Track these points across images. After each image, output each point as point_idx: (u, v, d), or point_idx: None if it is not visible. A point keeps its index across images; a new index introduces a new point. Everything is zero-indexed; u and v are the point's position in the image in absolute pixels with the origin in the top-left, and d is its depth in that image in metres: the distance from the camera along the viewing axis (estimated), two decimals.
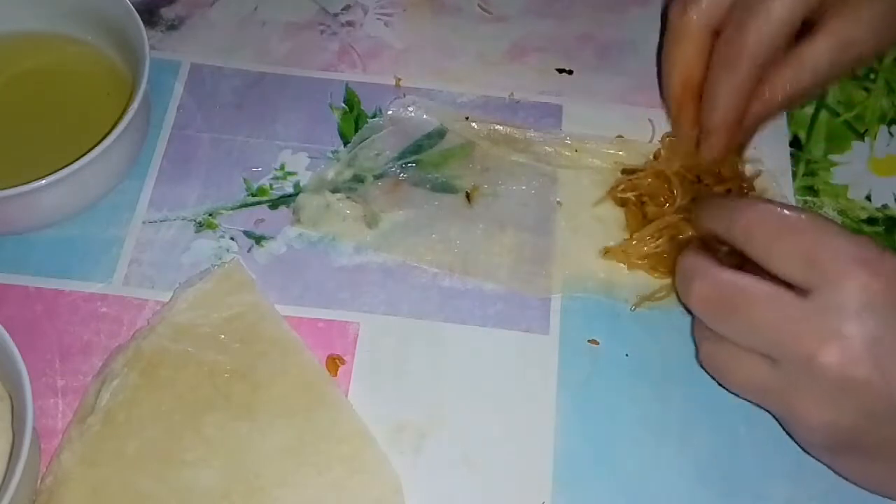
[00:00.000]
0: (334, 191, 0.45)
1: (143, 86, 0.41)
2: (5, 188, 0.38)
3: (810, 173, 0.47)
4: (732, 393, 0.37)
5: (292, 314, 0.41)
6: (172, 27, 0.50)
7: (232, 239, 0.44)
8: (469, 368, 0.41)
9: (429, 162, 0.46)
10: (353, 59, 0.50)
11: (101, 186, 0.43)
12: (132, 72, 0.44)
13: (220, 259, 0.43)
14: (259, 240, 0.44)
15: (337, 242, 0.44)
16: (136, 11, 0.43)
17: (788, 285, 0.34)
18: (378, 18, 0.51)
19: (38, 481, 0.37)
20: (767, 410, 0.37)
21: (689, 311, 0.38)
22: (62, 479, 0.36)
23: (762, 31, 0.39)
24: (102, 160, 0.40)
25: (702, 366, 0.38)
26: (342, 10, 0.52)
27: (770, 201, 0.39)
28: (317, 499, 0.37)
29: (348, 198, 0.45)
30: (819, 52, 0.40)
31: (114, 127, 0.40)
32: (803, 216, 0.35)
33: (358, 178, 0.45)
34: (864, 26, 0.40)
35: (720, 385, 0.37)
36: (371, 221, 0.44)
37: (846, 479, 0.36)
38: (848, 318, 0.32)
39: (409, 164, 0.45)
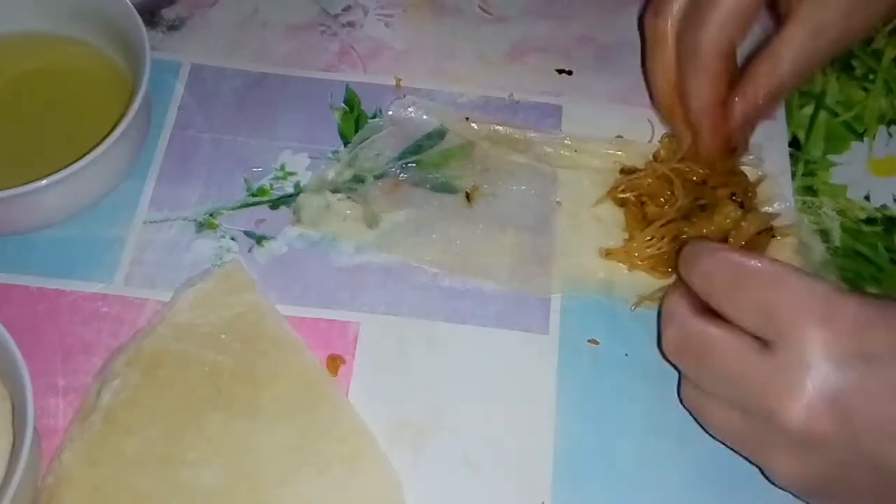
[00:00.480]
0: (334, 191, 0.45)
1: (144, 86, 0.41)
2: (6, 188, 0.38)
3: (809, 173, 0.47)
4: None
5: (293, 314, 0.41)
6: (173, 28, 0.50)
7: (232, 239, 0.44)
8: (469, 368, 0.41)
9: (429, 162, 0.46)
10: (354, 59, 0.50)
11: (101, 186, 0.43)
12: (133, 72, 0.44)
13: (221, 259, 0.43)
14: (259, 240, 0.44)
15: (337, 242, 0.44)
16: (136, 12, 0.43)
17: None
18: (378, 19, 0.52)
19: (39, 481, 0.37)
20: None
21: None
22: (63, 479, 0.36)
23: (719, 19, 0.39)
24: (103, 160, 0.40)
25: (664, 352, 0.38)
26: (342, 10, 0.52)
27: (729, 248, 0.37)
28: (317, 498, 0.37)
29: (348, 198, 0.45)
30: (792, 40, 0.40)
31: (114, 127, 0.40)
32: (760, 265, 0.34)
33: (358, 179, 0.45)
34: (832, 10, 0.40)
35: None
36: (371, 221, 0.44)
37: None
38: (808, 373, 0.32)
39: (410, 165, 0.46)
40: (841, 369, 0.31)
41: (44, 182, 0.38)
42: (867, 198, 0.46)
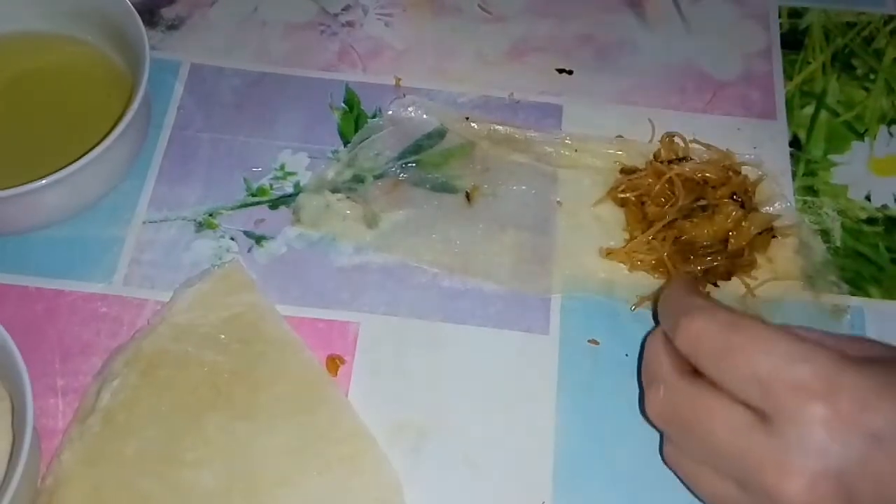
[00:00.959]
0: (334, 191, 0.45)
1: (144, 86, 0.41)
2: (5, 188, 0.38)
3: (810, 173, 0.47)
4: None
5: (292, 314, 0.41)
6: (173, 27, 0.50)
7: (232, 239, 0.44)
8: (469, 368, 0.41)
9: (429, 162, 0.46)
10: (353, 59, 0.50)
11: (101, 186, 0.43)
12: (132, 72, 0.44)
13: (220, 259, 0.43)
14: (259, 240, 0.44)
15: (337, 242, 0.44)
16: (136, 11, 0.43)
17: None
18: (378, 18, 0.51)
19: (39, 481, 0.37)
20: None
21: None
22: (62, 479, 0.36)
23: None
24: (102, 160, 0.40)
25: (648, 417, 0.36)
26: (342, 10, 0.52)
27: (713, 307, 0.34)
28: (317, 499, 0.37)
29: (348, 198, 0.45)
30: None
31: (114, 127, 0.40)
32: (752, 330, 0.32)
33: (358, 178, 0.45)
34: None
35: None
36: (371, 221, 0.44)
37: None
38: (810, 452, 0.30)
39: (409, 164, 0.45)
40: (845, 448, 0.30)
41: (43, 182, 0.38)
42: (868, 198, 0.46)
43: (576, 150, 0.46)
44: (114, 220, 0.44)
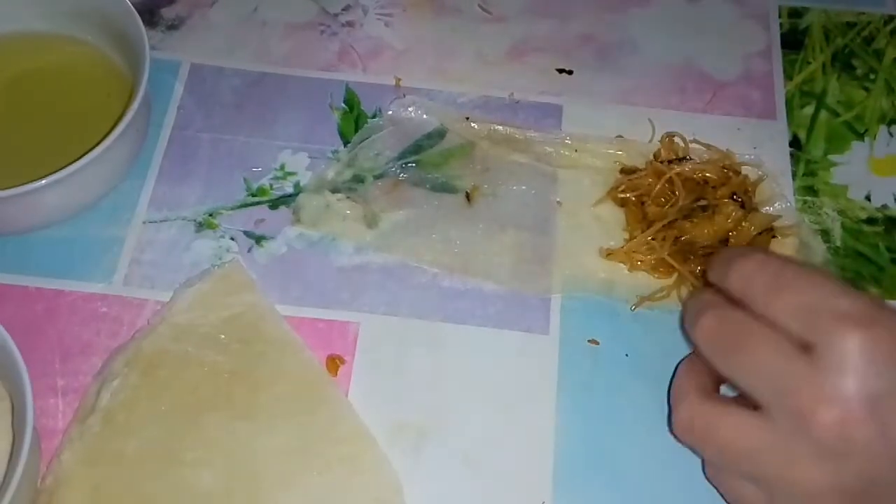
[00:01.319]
0: (334, 191, 0.45)
1: (144, 86, 0.41)
2: (5, 188, 0.38)
3: (810, 173, 0.47)
4: (707, 477, 0.37)
5: (292, 314, 0.41)
6: (172, 27, 0.50)
7: (232, 239, 0.44)
8: (469, 368, 0.41)
9: (429, 162, 0.46)
10: (353, 59, 0.50)
11: (101, 186, 0.43)
12: (132, 72, 0.44)
13: (220, 259, 0.43)
14: (259, 240, 0.44)
15: (337, 242, 0.44)
16: (136, 11, 0.43)
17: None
18: (378, 18, 0.51)
19: (39, 481, 0.37)
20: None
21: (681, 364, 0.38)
22: (62, 480, 0.36)
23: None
24: (102, 160, 0.40)
25: (674, 434, 0.36)
26: (342, 10, 0.52)
27: (767, 252, 0.38)
28: (317, 499, 0.37)
29: (348, 198, 0.45)
30: None
31: (114, 127, 0.40)
32: (801, 270, 0.34)
33: (358, 178, 0.45)
34: None
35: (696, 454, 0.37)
36: (371, 221, 0.44)
37: None
38: (847, 377, 0.31)
39: (409, 164, 0.45)
40: (882, 376, 0.31)
41: (43, 182, 0.38)
42: (868, 198, 0.46)
43: (576, 151, 0.46)
44: (114, 220, 0.44)
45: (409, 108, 0.47)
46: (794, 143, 0.48)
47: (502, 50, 0.50)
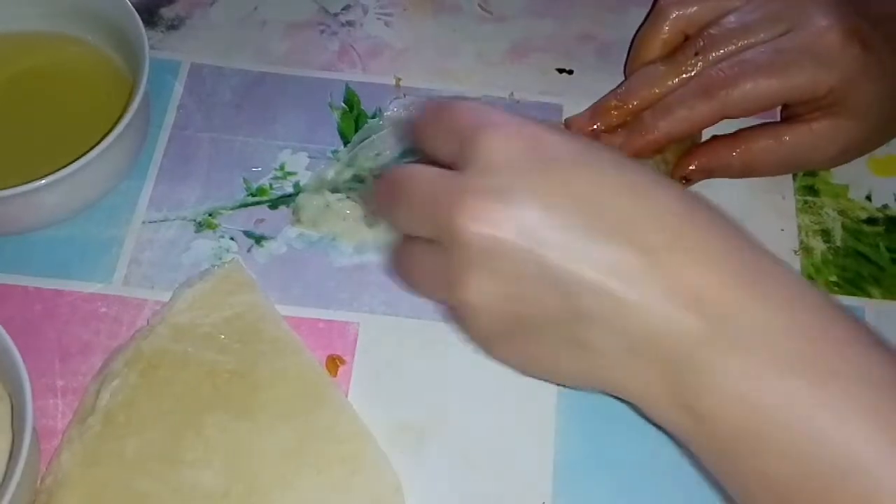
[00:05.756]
0: (334, 191, 0.45)
1: (143, 86, 0.41)
2: (5, 188, 0.38)
3: (810, 173, 0.47)
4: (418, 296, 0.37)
5: (292, 314, 0.41)
6: (172, 27, 0.50)
7: (232, 239, 0.44)
8: (469, 368, 0.41)
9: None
10: (353, 58, 0.50)
11: (101, 186, 0.43)
12: (132, 72, 0.44)
13: (220, 259, 0.43)
14: (259, 240, 0.44)
15: (337, 242, 0.44)
16: (136, 11, 0.43)
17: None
18: (378, 18, 0.51)
19: (38, 481, 0.37)
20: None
21: None
22: (62, 480, 0.36)
23: (752, 97, 0.40)
24: (102, 160, 0.40)
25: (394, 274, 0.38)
26: (342, 9, 0.52)
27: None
28: (317, 499, 0.37)
29: (348, 198, 0.45)
30: (804, 139, 0.42)
31: (114, 127, 0.40)
32: (460, 104, 0.34)
33: (358, 178, 0.45)
34: (855, 132, 0.42)
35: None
36: (371, 221, 0.44)
37: (513, 368, 0.35)
38: (483, 177, 0.31)
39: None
40: (523, 170, 0.31)
41: (43, 182, 0.38)
42: (868, 198, 0.46)
43: None
44: (113, 220, 0.44)
45: (410, 108, 0.47)
46: None
47: (502, 50, 0.50)
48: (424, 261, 0.34)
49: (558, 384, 0.34)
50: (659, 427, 0.32)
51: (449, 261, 0.31)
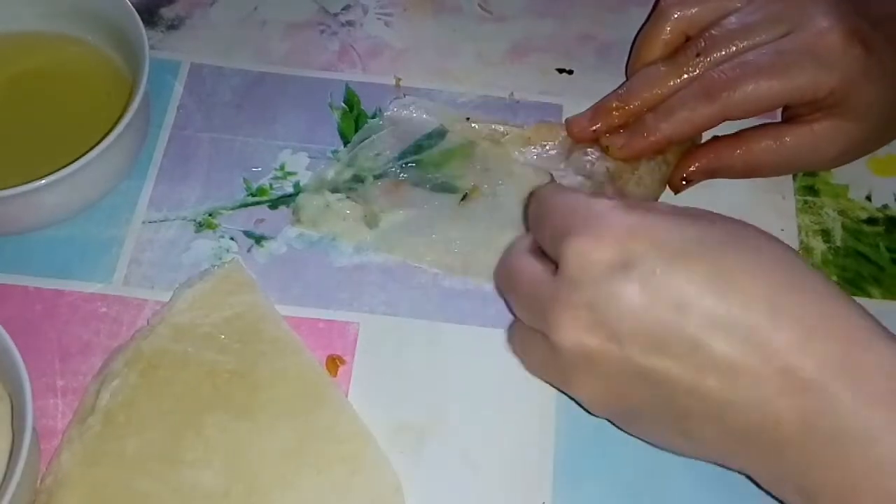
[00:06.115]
0: (334, 191, 0.45)
1: (143, 86, 0.41)
2: (5, 188, 0.38)
3: (810, 173, 0.47)
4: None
5: (292, 314, 0.41)
6: (172, 27, 0.50)
7: (232, 239, 0.44)
8: (469, 368, 0.41)
9: (429, 162, 0.46)
10: (353, 58, 0.50)
11: (101, 186, 0.43)
12: (132, 72, 0.44)
13: (220, 259, 0.43)
14: (259, 240, 0.44)
15: (337, 242, 0.44)
16: (136, 11, 0.43)
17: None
18: (378, 18, 0.51)
19: (38, 481, 0.37)
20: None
21: None
22: (62, 480, 0.36)
23: (753, 98, 0.40)
24: (102, 160, 0.40)
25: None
26: (342, 9, 0.52)
27: (549, 187, 0.38)
28: (317, 499, 0.37)
29: (348, 198, 0.45)
30: (805, 140, 0.42)
31: (114, 127, 0.40)
32: (556, 195, 0.35)
33: (358, 178, 0.45)
34: (855, 133, 0.42)
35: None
36: (371, 221, 0.44)
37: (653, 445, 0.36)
38: (571, 290, 0.32)
39: (410, 164, 0.45)
40: (602, 280, 0.31)
41: (43, 182, 0.38)
42: (868, 198, 0.46)
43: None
44: (114, 220, 0.44)
45: (409, 108, 0.47)
46: None
47: (502, 50, 0.50)
48: (536, 350, 0.35)
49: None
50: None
51: (556, 359, 0.34)
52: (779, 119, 0.45)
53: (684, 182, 0.44)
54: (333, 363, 0.40)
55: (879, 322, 0.31)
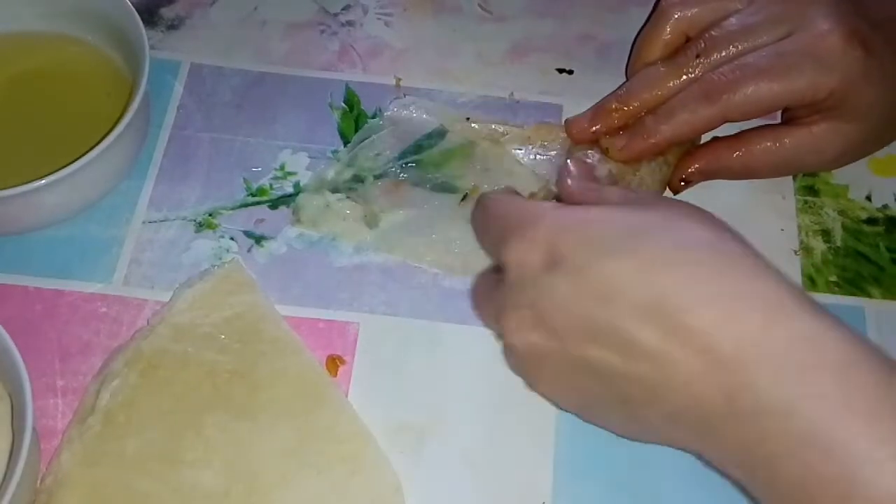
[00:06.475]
0: (334, 191, 0.45)
1: (143, 86, 0.41)
2: (5, 188, 0.38)
3: (811, 173, 0.47)
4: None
5: (292, 314, 0.41)
6: (172, 27, 0.50)
7: (232, 239, 0.44)
8: (469, 368, 0.41)
9: (429, 162, 0.46)
10: (353, 58, 0.50)
11: (101, 186, 0.43)
12: (132, 72, 0.44)
13: (220, 259, 0.43)
14: (259, 240, 0.44)
15: (337, 242, 0.44)
16: (136, 11, 0.43)
17: None
18: (378, 18, 0.51)
19: (38, 481, 0.37)
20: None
21: None
22: (62, 480, 0.36)
23: (753, 100, 0.40)
24: (102, 160, 0.40)
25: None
26: (342, 9, 0.52)
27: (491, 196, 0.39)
28: (317, 499, 0.37)
29: (348, 198, 0.45)
30: (804, 141, 0.42)
31: (114, 127, 0.40)
32: (492, 201, 0.38)
33: (358, 178, 0.45)
34: (855, 135, 0.42)
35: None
36: (371, 221, 0.44)
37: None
38: (517, 290, 0.34)
39: (410, 164, 0.45)
40: (538, 278, 0.33)
41: (43, 182, 0.38)
42: (868, 198, 0.46)
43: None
44: (114, 220, 0.44)
45: (410, 108, 0.47)
46: None
47: (502, 50, 0.50)
48: (509, 357, 0.37)
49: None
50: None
51: (516, 361, 0.36)
52: (779, 121, 0.45)
53: (683, 183, 0.44)
54: (333, 363, 0.40)
55: (805, 295, 0.31)
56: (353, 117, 0.47)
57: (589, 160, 0.43)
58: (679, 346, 0.30)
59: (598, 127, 0.43)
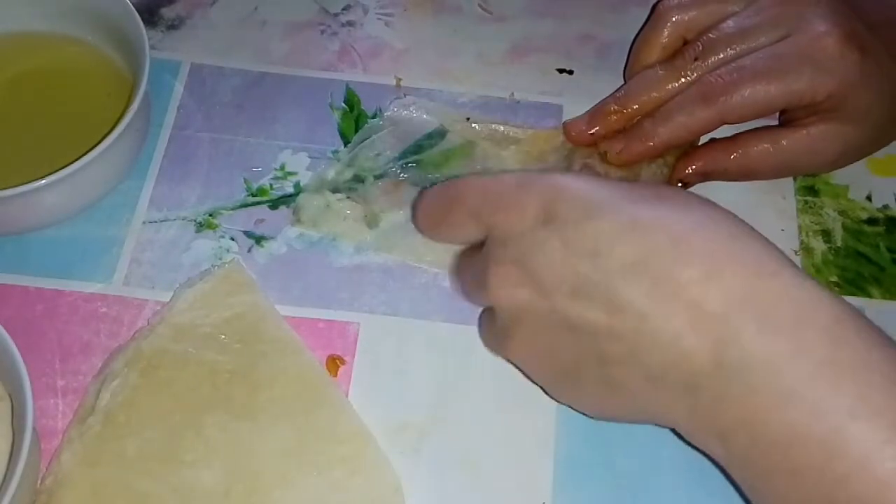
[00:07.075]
0: (334, 191, 0.45)
1: (143, 86, 0.41)
2: (5, 188, 0.38)
3: (811, 174, 0.47)
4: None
5: (292, 314, 0.41)
6: (173, 27, 0.50)
7: (232, 239, 0.44)
8: (469, 368, 0.41)
9: (429, 162, 0.46)
10: (354, 59, 0.50)
11: (101, 186, 0.43)
12: (132, 72, 0.44)
13: (221, 259, 0.43)
14: (259, 240, 0.44)
15: (337, 242, 0.44)
16: (136, 11, 0.43)
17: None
18: (378, 18, 0.51)
19: (38, 482, 0.37)
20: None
21: None
22: (62, 480, 0.36)
23: (750, 103, 0.40)
24: (102, 160, 0.40)
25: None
26: (342, 9, 0.52)
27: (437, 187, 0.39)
28: (317, 499, 0.37)
29: (348, 198, 0.45)
30: (802, 143, 0.42)
31: (114, 127, 0.40)
32: (446, 185, 0.37)
33: (358, 178, 0.45)
34: (853, 138, 0.42)
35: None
36: (371, 221, 0.44)
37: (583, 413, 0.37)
38: (503, 246, 0.34)
39: (410, 165, 0.45)
40: (527, 234, 0.33)
41: (43, 182, 0.38)
42: (868, 198, 0.46)
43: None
44: (114, 220, 0.44)
45: (410, 108, 0.47)
46: None
47: (502, 50, 0.50)
48: (486, 322, 0.38)
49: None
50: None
51: (495, 322, 0.36)
52: (776, 122, 0.45)
53: (680, 185, 0.44)
54: (333, 363, 0.40)
55: (790, 259, 0.31)
56: (354, 117, 0.47)
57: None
58: (666, 301, 0.30)
59: (596, 129, 0.43)
